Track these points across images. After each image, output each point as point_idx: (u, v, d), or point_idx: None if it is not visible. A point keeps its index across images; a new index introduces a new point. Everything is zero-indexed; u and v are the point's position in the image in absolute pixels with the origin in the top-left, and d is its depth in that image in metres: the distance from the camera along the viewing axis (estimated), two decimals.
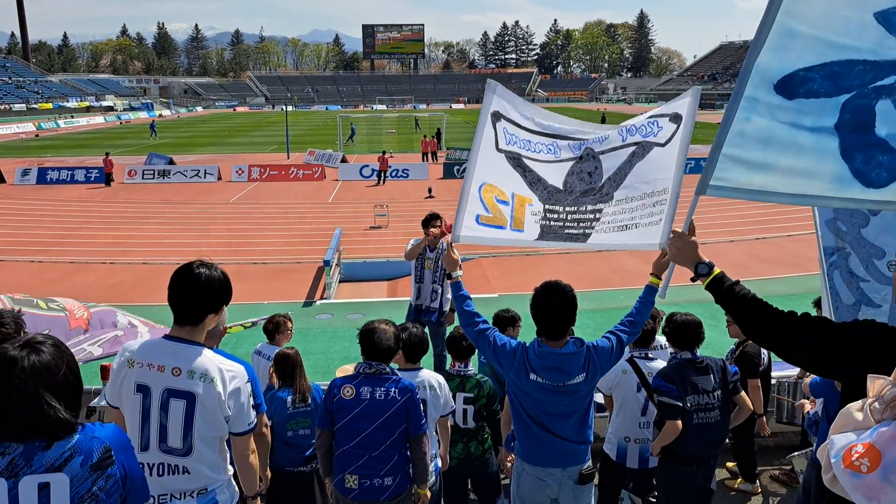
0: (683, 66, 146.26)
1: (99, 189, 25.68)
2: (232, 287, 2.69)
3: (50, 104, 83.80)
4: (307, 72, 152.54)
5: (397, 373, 3.36)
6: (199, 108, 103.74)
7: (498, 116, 3.37)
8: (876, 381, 1.59)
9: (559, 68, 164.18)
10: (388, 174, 26.98)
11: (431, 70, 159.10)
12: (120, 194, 24.33)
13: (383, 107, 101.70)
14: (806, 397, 4.57)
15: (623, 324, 3.24)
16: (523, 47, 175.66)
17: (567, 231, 3.26)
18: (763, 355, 4.87)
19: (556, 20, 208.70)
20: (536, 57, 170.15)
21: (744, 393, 4.05)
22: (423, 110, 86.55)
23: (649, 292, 3.21)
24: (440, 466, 3.82)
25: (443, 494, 4.01)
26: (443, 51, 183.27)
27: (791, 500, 4.87)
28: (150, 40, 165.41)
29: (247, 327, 6.49)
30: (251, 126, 64.18)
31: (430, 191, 23.09)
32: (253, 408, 2.68)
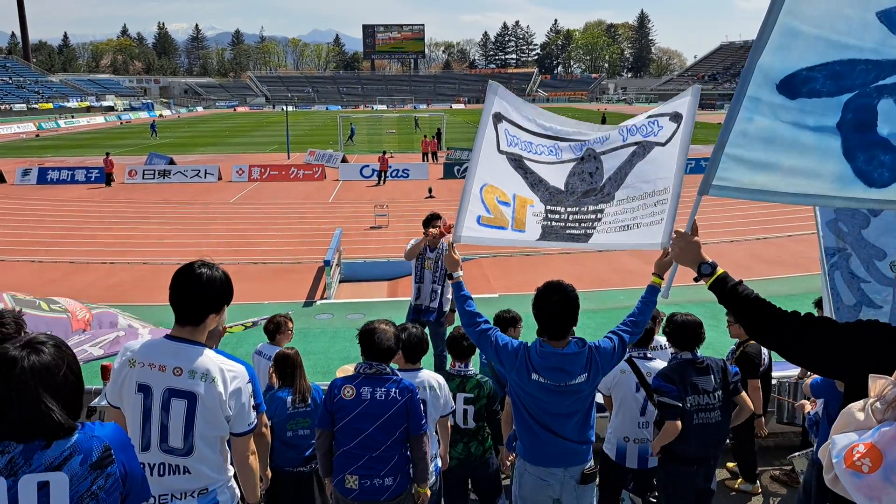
0: (684, 67, 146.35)
1: (99, 189, 25.69)
2: (233, 287, 2.69)
3: (50, 104, 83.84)
4: (307, 72, 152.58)
5: (397, 373, 3.36)
6: (200, 109, 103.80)
7: (499, 118, 3.37)
8: (877, 381, 1.59)
9: (559, 68, 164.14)
10: (388, 174, 26.99)
11: (432, 70, 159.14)
12: (120, 194, 24.34)
13: (383, 107, 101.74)
14: (806, 398, 4.57)
15: (625, 324, 3.23)
16: (523, 47, 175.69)
17: (569, 231, 3.26)
18: (763, 356, 4.86)
19: (556, 20, 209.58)
20: (537, 57, 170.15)
21: (745, 393, 4.05)
22: (424, 110, 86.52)
23: (651, 292, 3.21)
24: (440, 466, 3.82)
25: (443, 494, 4.01)
26: (443, 51, 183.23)
27: (791, 501, 4.86)
28: (150, 40, 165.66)
29: (247, 327, 6.48)
30: (251, 126, 64.22)
31: (430, 191, 23.11)
32: (253, 408, 2.67)
